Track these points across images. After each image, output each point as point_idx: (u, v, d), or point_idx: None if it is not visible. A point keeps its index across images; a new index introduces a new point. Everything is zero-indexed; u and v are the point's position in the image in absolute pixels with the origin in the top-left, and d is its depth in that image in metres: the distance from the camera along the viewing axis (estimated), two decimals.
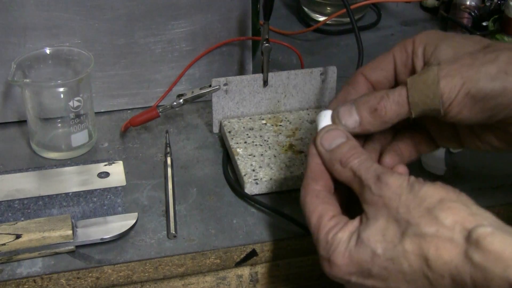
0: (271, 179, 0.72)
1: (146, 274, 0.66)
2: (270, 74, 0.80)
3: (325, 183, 0.58)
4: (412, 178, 0.53)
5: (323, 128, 0.59)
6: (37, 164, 0.77)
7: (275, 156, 0.75)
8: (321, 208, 0.56)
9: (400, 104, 0.57)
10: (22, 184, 0.72)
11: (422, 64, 0.60)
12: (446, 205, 0.50)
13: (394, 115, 0.58)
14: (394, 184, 0.53)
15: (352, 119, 0.59)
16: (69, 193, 0.72)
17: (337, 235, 0.54)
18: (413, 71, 0.60)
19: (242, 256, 0.67)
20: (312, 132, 0.79)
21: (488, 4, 1.01)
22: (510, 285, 0.45)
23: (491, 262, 0.46)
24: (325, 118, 0.60)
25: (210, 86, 0.78)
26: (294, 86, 0.81)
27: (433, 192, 0.51)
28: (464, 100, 0.55)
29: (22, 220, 0.66)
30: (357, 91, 0.62)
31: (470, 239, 0.47)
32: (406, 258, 0.50)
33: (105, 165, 0.75)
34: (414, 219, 0.50)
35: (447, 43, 0.58)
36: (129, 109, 0.86)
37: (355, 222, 0.54)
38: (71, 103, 0.75)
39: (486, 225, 0.48)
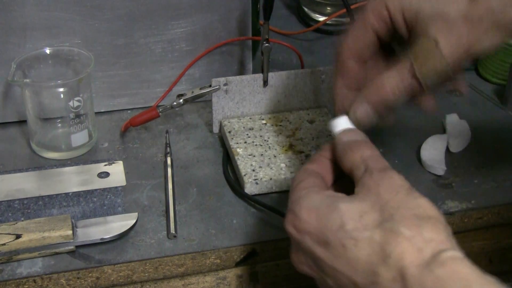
0: (271, 179, 0.72)
1: (146, 274, 0.66)
2: (270, 74, 0.80)
3: (318, 167, 0.57)
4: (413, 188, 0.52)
5: (346, 129, 0.58)
6: (37, 164, 0.77)
7: (275, 156, 0.75)
8: (303, 176, 0.55)
9: (412, 86, 0.57)
10: (22, 184, 0.72)
11: (406, 31, 0.59)
12: (433, 223, 0.49)
13: (406, 96, 0.59)
14: (396, 181, 0.52)
15: (371, 119, 0.60)
16: (69, 193, 0.72)
17: (311, 193, 0.53)
18: (399, 37, 0.60)
19: (242, 256, 0.67)
20: (311, 132, 0.79)
21: None
22: None
23: (453, 278, 0.45)
24: (345, 123, 0.59)
25: (210, 86, 0.78)
26: (294, 86, 0.81)
27: (428, 206, 0.50)
28: (465, 58, 0.57)
29: (22, 220, 0.66)
30: (352, 78, 0.62)
31: (438, 257, 0.46)
32: (370, 245, 0.48)
33: (105, 165, 0.75)
34: (398, 217, 0.49)
35: (427, 4, 0.57)
36: (129, 109, 0.86)
37: (338, 193, 0.53)
38: (71, 103, 0.75)
39: (458, 252, 0.47)
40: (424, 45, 0.56)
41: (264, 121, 0.81)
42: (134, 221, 0.67)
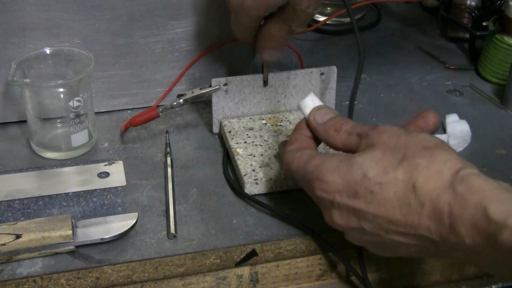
0: (271, 179, 0.72)
1: (146, 274, 0.66)
2: (270, 74, 0.80)
3: (301, 144, 0.64)
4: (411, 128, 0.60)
5: (314, 108, 0.65)
6: (37, 164, 0.77)
7: (275, 156, 0.75)
8: (298, 154, 0.62)
9: (290, 30, 0.72)
10: (22, 184, 0.72)
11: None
12: (442, 148, 0.55)
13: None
14: (392, 129, 0.58)
15: (276, 56, 0.75)
16: (69, 193, 0.72)
17: (324, 157, 0.59)
18: None
19: (242, 256, 0.67)
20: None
21: (488, 4, 1.01)
22: (484, 210, 0.49)
23: (471, 192, 0.51)
24: (311, 102, 0.66)
25: (210, 86, 0.78)
26: (294, 86, 0.81)
27: (431, 138, 0.57)
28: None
29: (22, 220, 0.66)
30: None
31: (457, 175, 0.52)
32: (395, 184, 0.54)
33: (105, 165, 0.75)
34: (411, 153, 0.55)
35: None
36: (129, 109, 0.86)
37: (345, 153, 0.60)
38: (71, 103, 0.75)
39: (474, 168, 0.53)
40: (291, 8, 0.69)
41: (264, 121, 0.81)
42: (134, 221, 0.67)
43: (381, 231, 0.56)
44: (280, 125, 0.80)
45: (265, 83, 0.80)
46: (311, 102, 0.66)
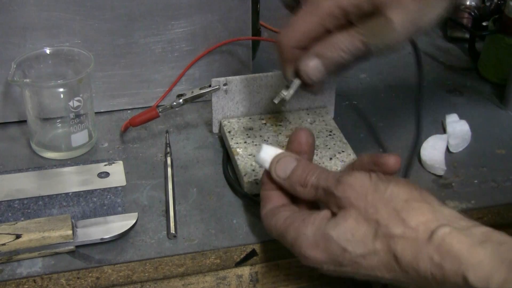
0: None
1: (146, 274, 0.66)
2: (270, 74, 0.80)
3: (273, 203, 0.62)
4: (374, 176, 0.56)
5: (274, 159, 0.62)
6: (37, 164, 0.77)
7: None
8: (273, 220, 0.60)
9: (362, 51, 0.62)
10: (22, 184, 0.72)
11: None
12: (411, 206, 0.54)
13: (351, 58, 0.63)
14: (356, 184, 0.56)
15: (320, 73, 0.64)
16: (69, 193, 0.72)
17: (300, 230, 0.57)
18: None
19: (242, 256, 0.67)
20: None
21: (488, 4, 1.01)
22: (463, 278, 0.49)
23: (448, 261, 0.50)
24: (266, 155, 0.63)
25: (210, 86, 0.78)
26: None
27: (398, 192, 0.55)
28: (412, 30, 0.61)
29: (22, 220, 0.66)
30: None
31: (432, 240, 0.52)
32: (377, 254, 0.54)
33: (105, 165, 0.75)
34: (384, 220, 0.54)
35: None
36: (129, 109, 0.86)
37: (319, 217, 0.57)
38: (71, 103, 0.75)
39: (445, 225, 0.52)
40: (379, 22, 0.61)
41: (264, 121, 0.81)
42: (134, 221, 0.67)
43: (361, 275, 0.57)
44: (280, 125, 0.80)
45: (283, 102, 0.70)
46: (266, 155, 0.63)
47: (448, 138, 0.81)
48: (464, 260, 0.50)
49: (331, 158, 0.75)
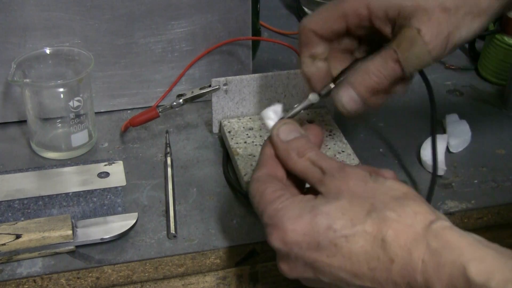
0: None
1: (146, 274, 0.66)
2: (270, 74, 0.80)
3: (269, 170, 0.58)
4: (374, 173, 0.55)
5: (280, 120, 0.60)
6: (37, 164, 0.77)
7: None
8: (262, 187, 0.56)
9: (395, 71, 0.60)
10: (22, 184, 0.72)
11: (390, 28, 0.61)
12: (411, 197, 0.52)
13: (389, 83, 0.61)
14: (359, 174, 0.54)
15: (356, 104, 0.61)
16: (69, 193, 0.72)
17: (286, 202, 0.53)
18: (378, 33, 0.62)
19: (242, 256, 0.67)
20: None
21: None
22: (463, 269, 0.47)
23: (447, 249, 0.48)
24: (278, 112, 0.61)
25: (210, 86, 0.78)
26: (294, 86, 0.81)
27: (398, 186, 0.53)
28: (445, 46, 0.60)
29: (22, 220, 0.66)
30: (316, 49, 0.64)
31: (430, 229, 0.49)
32: (363, 237, 0.50)
33: (105, 165, 0.75)
34: (379, 204, 0.51)
35: (407, 1, 0.60)
36: (129, 109, 0.86)
37: (308, 196, 0.54)
38: (71, 103, 0.75)
39: (446, 221, 0.50)
40: (407, 33, 0.59)
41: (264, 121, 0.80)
42: (134, 221, 0.67)
43: (342, 283, 0.52)
44: None
45: (286, 114, 0.64)
46: (274, 114, 0.60)
47: (448, 138, 0.81)
48: (466, 253, 0.47)
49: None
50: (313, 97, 0.65)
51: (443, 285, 0.47)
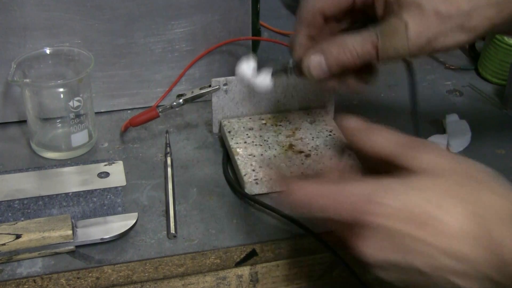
0: (271, 179, 0.72)
1: (146, 274, 0.66)
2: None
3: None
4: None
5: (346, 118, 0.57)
6: (37, 164, 0.77)
7: (275, 156, 0.75)
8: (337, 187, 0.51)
9: (370, 55, 0.60)
10: (22, 184, 0.72)
11: (382, 11, 0.62)
12: (497, 180, 0.53)
13: (358, 64, 0.61)
14: (443, 151, 0.53)
15: (322, 71, 0.63)
16: (69, 193, 0.72)
17: (378, 179, 0.50)
18: (372, 9, 0.62)
19: (242, 256, 0.67)
20: (311, 132, 0.79)
21: None
22: None
23: None
24: (251, 65, 0.63)
25: (210, 86, 0.78)
26: (294, 86, 0.81)
27: (483, 167, 0.54)
28: (425, 48, 0.60)
29: (22, 220, 0.66)
30: (314, 29, 0.65)
31: None
32: (467, 217, 0.48)
33: (105, 165, 0.75)
34: (476, 185, 0.50)
35: None
36: (129, 109, 0.86)
37: (394, 177, 0.50)
38: (71, 103, 0.75)
39: None
40: (394, 23, 0.59)
41: (264, 121, 0.81)
42: (134, 221, 0.67)
43: (435, 270, 0.48)
44: (280, 125, 0.80)
45: (273, 75, 0.68)
46: (249, 69, 0.61)
47: (448, 138, 0.81)
48: None
49: (331, 158, 0.75)
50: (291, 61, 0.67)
51: None
